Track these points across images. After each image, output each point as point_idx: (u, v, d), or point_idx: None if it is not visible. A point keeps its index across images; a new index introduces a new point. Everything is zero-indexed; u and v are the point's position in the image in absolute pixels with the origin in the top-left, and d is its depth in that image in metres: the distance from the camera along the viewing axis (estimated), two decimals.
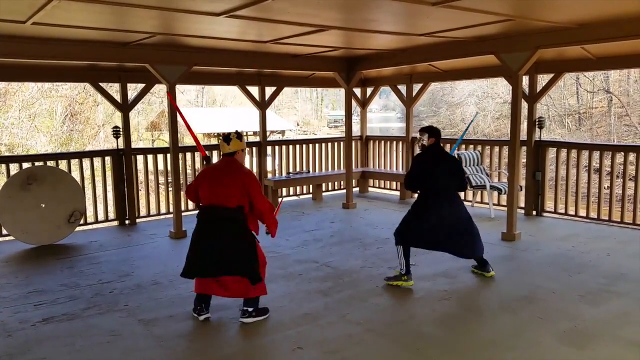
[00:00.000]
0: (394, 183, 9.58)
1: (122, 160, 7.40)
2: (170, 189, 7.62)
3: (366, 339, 3.73)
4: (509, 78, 6.71)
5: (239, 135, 4.11)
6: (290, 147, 9.51)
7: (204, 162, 4.34)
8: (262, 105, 8.86)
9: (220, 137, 4.09)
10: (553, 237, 6.40)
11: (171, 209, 7.06)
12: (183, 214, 7.04)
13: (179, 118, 5.92)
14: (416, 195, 5.14)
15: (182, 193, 6.93)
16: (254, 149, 9.09)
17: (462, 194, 8.61)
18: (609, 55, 6.53)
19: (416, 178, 4.89)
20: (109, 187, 7.52)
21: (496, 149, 8.39)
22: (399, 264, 4.82)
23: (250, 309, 3.99)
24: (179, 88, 7.22)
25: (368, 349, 3.60)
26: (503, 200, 7.97)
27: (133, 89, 9.38)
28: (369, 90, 10.00)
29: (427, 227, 4.82)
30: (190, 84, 22.21)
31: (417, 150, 5.54)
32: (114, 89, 11.87)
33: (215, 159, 8.77)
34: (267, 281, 4.90)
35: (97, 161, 7.59)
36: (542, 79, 7.97)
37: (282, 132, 30.24)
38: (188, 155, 8.30)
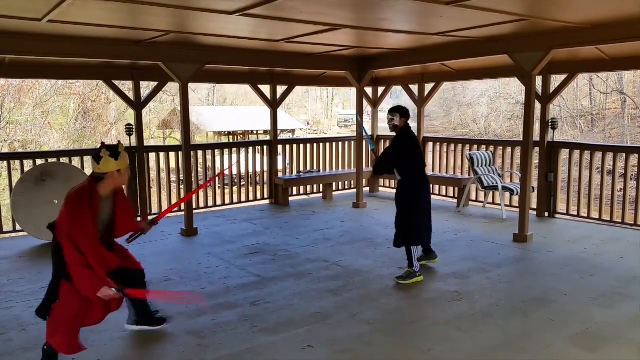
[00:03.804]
0: None
1: (135, 158, 7.44)
2: (181, 186, 7.66)
3: (376, 339, 3.73)
4: (522, 78, 6.67)
5: (114, 151, 3.21)
6: (301, 146, 9.51)
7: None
8: (274, 103, 8.87)
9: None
10: (565, 239, 6.36)
11: (182, 207, 7.09)
12: (194, 211, 7.09)
13: None
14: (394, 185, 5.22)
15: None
16: (265, 147, 9.11)
17: (473, 194, 8.67)
18: (624, 55, 6.46)
19: (406, 160, 4.95)
20: None
21: (508, 149, 8.35)
22: (413, 264, 4.85)
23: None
24: (191, 86, 7.26)
25: (378, 348, 3.59)
26: (515, 202, 7.93)
27: (145, 87, 9.44)
28: (380, 90, 9.97)
29: (427, 217, 5.03)
30: (203, 82, 22.41)
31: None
32: (126, 86, 11.99)
33: (226, 159, 8.80)
34: (277, 279, 4.95)
35: None
36: (555, 80, 7.92)
37: (292, 131, 30.27)
38: (199, 153, 8.35)
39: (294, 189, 9.21)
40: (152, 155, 7.89)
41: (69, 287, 3.19)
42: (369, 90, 9.79)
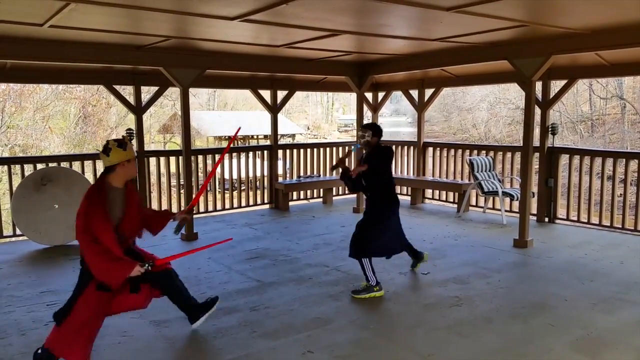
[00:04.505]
0: (405, 188, 9.56)
1: (135, 162, 7.44)
2: (181, 191, 7.65)
3: (377, 344, 3.73)
4: (522, 84, 6.68)
5: (121, 142, 3.39)
6: (302, 150, 9.52)
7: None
8: (274, 108, 8.89)
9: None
10: (565, 244, 6.35)
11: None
12: (194, 216, 7.08)
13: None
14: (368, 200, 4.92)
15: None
16: (265, 152, 9.12)
17: (473, 200, 8.68)
18: (624, 61, 6.48)
19: (382, 176, 4.79)
20: None
21: (508, 155, 8.35)
22: (368, 278, 4.66)
23: None
24: (191, 91, 7.28)
25: (378, 354, 3.59)
26: (515, 207, 7.93)
27: (146, 92, 9.47)
28: (381, 95, 9.97)
29: (395, 233, 4.91)
30: (203, 87, 22.42)
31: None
32: (127, 91, 12.01)
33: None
34: (278, 284, 4.95)
35: None
36: (555, 85, 7.93)
37: (293, 136, 30.30)
38: (200, 158, 8.36)
39: (294, 193, 9.21)
40: (153, 160, 7.90)
41: (89, 295, 3.25)
42: (369, 96, 9.79)
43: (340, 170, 4.86)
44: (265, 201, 9.07)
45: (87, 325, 3.26)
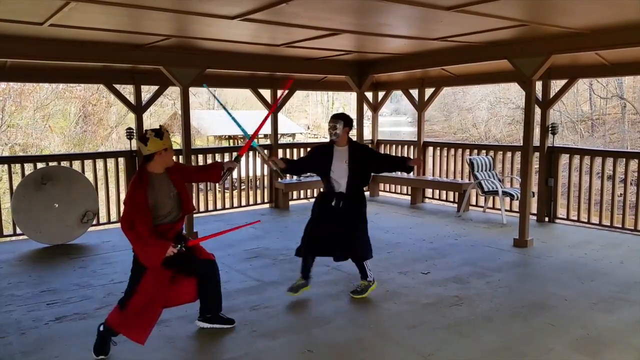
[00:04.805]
0: (405, 187, 9.56)
1: (135, 162, 7.45)
2: None
3: (376, 344, 3.73)
4: (522, 83, 6.69)
5: (157, 132, 3.48)
6: (302, 150, 9.51)
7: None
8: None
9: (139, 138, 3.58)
10: (565, 244, 6.35)
11: None
12: (194, 215, 7.08)
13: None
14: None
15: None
16: (266, 151, 9.11)
17: (473, 199, 8.68)
18: (624, 61, 6.47)
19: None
20: (122, 188, 7.58)
21: (508, 154, 8.35)
22: (368, 274, 4.65)
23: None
24: (192, 90, 7.28)
25: (378, 353, 3.59)
26: (515, 206, 7.93)
27: (146, 91, 9.47)
28: (381, 94, 9.98)
29: None
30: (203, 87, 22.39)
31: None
32: (127, 90, 12.01)
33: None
34: (278, 284, 4.95)
35: (111, 162, 7.66)
36: (556, 85, 7.93)
37: (293, 136, 30.28)
38: (200, 157, 8.36)
39: (294, 193, 9.21)
40: None
41: (148, 279, 3.45)
42: (369, 95, 9.81)
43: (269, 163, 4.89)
44: (265, 200, 9.07)
45: (147, 308, 3.45)
